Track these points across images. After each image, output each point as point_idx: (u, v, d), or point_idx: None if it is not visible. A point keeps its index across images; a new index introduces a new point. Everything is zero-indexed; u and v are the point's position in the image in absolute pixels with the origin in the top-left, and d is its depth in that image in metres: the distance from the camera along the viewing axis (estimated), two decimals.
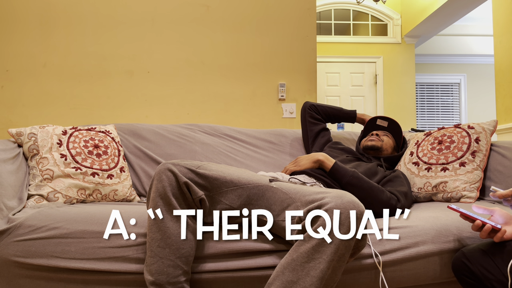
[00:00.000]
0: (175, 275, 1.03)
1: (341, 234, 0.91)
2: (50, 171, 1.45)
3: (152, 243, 1.05)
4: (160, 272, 1.02)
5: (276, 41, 3.13)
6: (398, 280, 1.16)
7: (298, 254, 0.93)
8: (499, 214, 1.03)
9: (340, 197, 0.95)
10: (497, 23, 3.61)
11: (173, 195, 1.06)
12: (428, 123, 6.87)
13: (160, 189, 1.06)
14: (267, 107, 3.11)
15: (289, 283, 0.91)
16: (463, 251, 1.06)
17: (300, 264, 0.92)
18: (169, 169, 1.07)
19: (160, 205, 1.05)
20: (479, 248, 1.04)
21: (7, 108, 2.90)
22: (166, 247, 1.03)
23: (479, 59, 6.71)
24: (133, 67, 3.02)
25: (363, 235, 0.96)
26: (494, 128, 1.65)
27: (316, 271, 0.90)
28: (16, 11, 2.93)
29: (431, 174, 1.58)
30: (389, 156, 1.74)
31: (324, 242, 0.91)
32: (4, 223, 1.20)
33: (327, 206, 0.93)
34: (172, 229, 1.05)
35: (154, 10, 3.05)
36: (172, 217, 1.05)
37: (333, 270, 0.93)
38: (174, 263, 1.03)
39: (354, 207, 0.93)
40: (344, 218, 0.92)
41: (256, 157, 1.93)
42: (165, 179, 1.06)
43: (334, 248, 0.91)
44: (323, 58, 5.55)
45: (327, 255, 0.91)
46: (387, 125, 1.83)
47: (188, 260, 1.06)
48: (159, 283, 1.01)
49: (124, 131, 1.87)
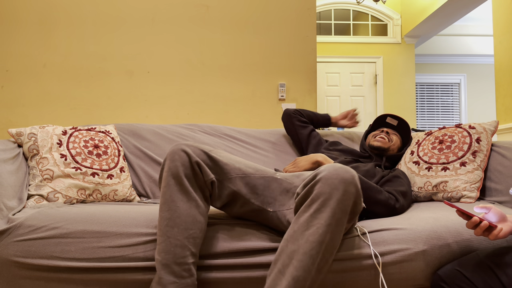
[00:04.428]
0: (182, 255, 1.02)
1: (336, 198, 0.94)
2: (50, 171, 1.45)
3: (161, 222, 1.05)
4: (167, 251, 1.02)
5: (276, 41, 3.13)
6: (398, 281, 1.16)
7: (298, 225, 0.96)
8: (493, 212, 1.03)
9: (333, 166, 0.99)
10: (497, 23, 3.61)
11: (185, 175, 1.06)
12: (428, 123, 6.87)
13: (172, 169, 1.06)
14: (267, 107, 3.11)
15: (292, 253, 0.94)
16: (439, 274, 1.06)
17: (300, 233, 0.95)
18: (182, 149, 1.08)
19: (172, 184, 1.06)
20: (454, 269, 1.03)
21: (7, 108, 2.90)
22: (175, 226, 1.04)
23: (479, 59, 6.72)
24: (133, 67, 3.02)
25: (358, 199, 0.98)
26: (495, 128, 1.65)
27: (315, 236, 0.93)
28: (16, 11, 2.93)
29: (432, 174, 1.58)
30: (391, 155, 1.74)
31: (321, 208, 0.94)
32: (4, 223, 1.20)
33: (321, 175, 0.97)
34: (182, 209, 1.05)
35: (154, 10, 3.05)
36: (182, 197, 1.06)
37: (332, 235, 0.95)
38: (181, 243, 1.03)
39: (347, 172, 0.97)
40: (338, 182, 0.95)
41: (256, 157, 1.93)
42: (178, 159, 1.07)
43: (331, 212, 0.94)
44: (323, 58, 5.55)
45: (325, 220, 0.94)
46: (396, 124, 1.82)
47: (196, 242, 1.05)
48: (165, 262, 1.01)
49: (124, 131, 1.87)
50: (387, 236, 1.16)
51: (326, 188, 0.95)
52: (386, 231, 1.17)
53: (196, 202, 1.07)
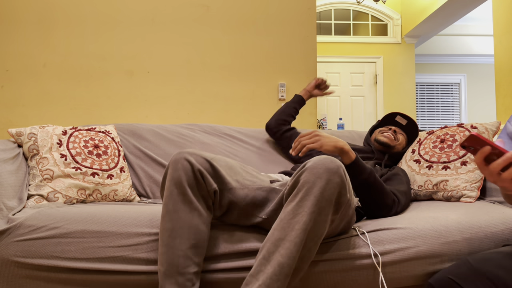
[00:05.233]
0: (185, 265, 1.02)
1: (319, 186, 0.95)
2: (50, 171, 1.45)
3: (163, 232, 1.05)
4: (169, 262, 1.02)
5: (276, 41, 3.13)
6: (398, 280, 1.15)
7: (285, 214, 0.97)
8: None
9: (320, 156, 1.00)
10: (497, 23, 3.61)
11: (188, 185, 1.06)
12: (428, 123, 6.87)
13: (175, 178, 1.06)
14: (267, 107, 3.11)
15: (277, 240, 0.95)
16: (430, 282, 1.05)
17: (286, 221, 0.96)
18: (185, 158, 1.07)
19: (174, 194, 1.05)
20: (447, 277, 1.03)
21: (7, 108, 2.90)
22: (177, 237, 1.03)
23: (479, 59, 6.72)
24: (133, 67, 3.02)
25: (343, 190, 0.99)
26: (497, 129, 1.65)
27: (299, 224, 0.95)
28: (16, 11, 2.93)
29: (432, 172, 1.58)
30: (393, 153, 1.73)
31: (305, 197, 0.96)
32: (4, 223, 1.20)
33: (307, 165, 0.99)
34: (185, 220, 1.04)
35: (154, 10, 3.05)
36: (185, 207, 1.05)
37: (315, 223, 0.96)
38: (184, 254, 1.02)
39: (332, 162, 0.98)
40: (322, 171, 0.96)
41: (256, 157, 1.92)
42: (180, 168, 1.06)
43: (314, 200, 0.95)
44: (323, 58, 5.55)
45: (308, 207, 0.95)
46: (405, 123, 1.80)
47: (199, 252, 1.05)
48: (168, 273, 1.01)
49: (124, 131, 1.87)
50: (386, 235, 1.16)
51: (311, 177, 0.96)
52: (386, 231, 1.17)
53: (199, 211, 1.06)
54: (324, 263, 1.12)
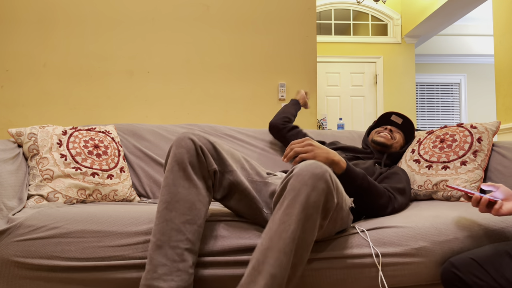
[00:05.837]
0: (177, 239, 1.02)
1: (305, 193, 0.94)
2: (50, 171, 1.45)
3: (160, 204, 1.06)
4: (162, 233, 1.02)
5: (276, 41, 3.13)
6: (398, 279, 1.16)
7: (273, 223, 0.96)
8: (501, 191, 1.05)
9: (305, 163, 1.00)
10: (497, 23, 3.61)
11: (189, 163, 1.07)
12: (428, 123, 6.87)
13: (177, 155, 1.08)
14: (267, 107, 3.11)
15: (265, 250, 0.94)
16: (451, 261, 1.06)
17: (274, 230, 0.95)
18: (189, 137, 1.09)
19: (175, 170, 1.07)
20: (468, 257, 1.03)
21: (7, 108, 2.90)
22: (173, 210, 1.04)
23: (479, 59, 6.72)
24: (133, 67, 3.02)
25: (330, 195, 0.98)
26: (496, 129, 1.65)
27: (287, 233, 0.93)
28: (16, 11, 2.93)
29: (432, 172, 1.58)
30: (392, 153, 1.73)
31: (293, 204, 0.95)
32: (4, 223, 1.20)
33: (293, 172, 0.98)
34: (182, 194, 1.05)
35: (154, 10, 3.05)
36: (184, 183, 1.06)
37: (303, 231, 0.95)
38: (177, 227, 1.03)
39: (318, 167, 0.97)
40: (308, 178, 0.95)
41: (256, 157, 1.93)
42: (183, 145, 1.08)
43: (301, 207, 0.94)
44: (323, 58, 5.55)
45: (295, 215, 0.94)
46: (401, 122, 1.81)
47: (194, 229, 1.05)
48: (159, 244, 1.01)
49: (124, 131, 1.87)
50: (387, 234, 1.16)
51: (297, 184, 0.96)
52: (386, 229, 1.17)
53: (198, 189, 1.07)
54: (324, 261, 1.12)
